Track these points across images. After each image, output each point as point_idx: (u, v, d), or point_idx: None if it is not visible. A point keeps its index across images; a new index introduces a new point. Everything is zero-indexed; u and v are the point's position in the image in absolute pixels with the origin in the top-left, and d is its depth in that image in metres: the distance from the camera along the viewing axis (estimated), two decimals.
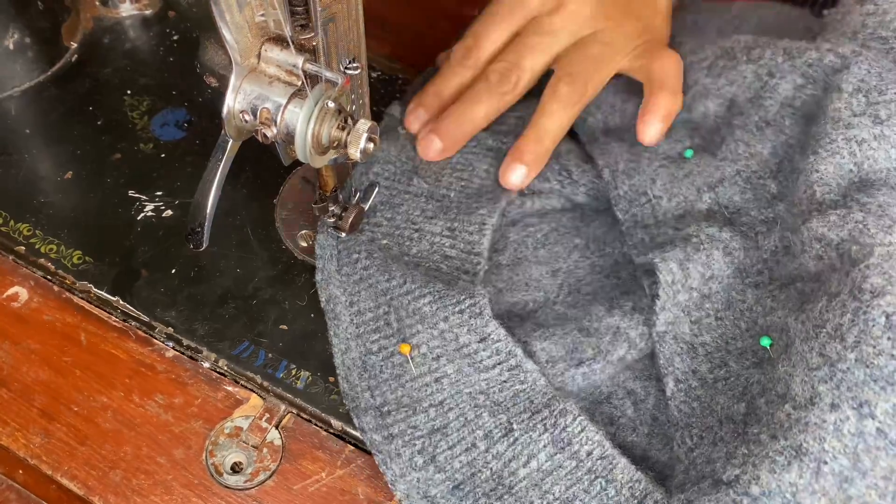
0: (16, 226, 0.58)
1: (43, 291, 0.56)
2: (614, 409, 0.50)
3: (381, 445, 0.48)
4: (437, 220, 0.56)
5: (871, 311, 0.41)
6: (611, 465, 0.46)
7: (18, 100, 0.65)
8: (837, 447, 0.40)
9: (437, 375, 0.49)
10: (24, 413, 0.51)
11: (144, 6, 0.71)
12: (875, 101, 0.51)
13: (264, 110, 0.42)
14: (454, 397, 0.49)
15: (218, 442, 0.50)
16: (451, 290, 0.51)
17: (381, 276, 0.52)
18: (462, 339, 0.49)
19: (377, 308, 0.52)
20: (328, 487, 0.49)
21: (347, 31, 0.44)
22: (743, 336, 0.49)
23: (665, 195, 0.54)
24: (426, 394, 0.49)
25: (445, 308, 0.50)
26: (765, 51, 0.56)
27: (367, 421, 0.48)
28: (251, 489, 0.49)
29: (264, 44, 0.42)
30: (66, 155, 0.62)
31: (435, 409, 0.48)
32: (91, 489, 0.49)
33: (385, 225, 0.56)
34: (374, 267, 0.53)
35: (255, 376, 0.52)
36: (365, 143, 0.44)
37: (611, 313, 0.52)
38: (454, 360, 0.49)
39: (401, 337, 0.51)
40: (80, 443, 0.50)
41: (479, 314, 0.50)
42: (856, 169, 0.50)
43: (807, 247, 0.48)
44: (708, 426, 0.47)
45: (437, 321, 0.50)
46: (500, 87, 0.57)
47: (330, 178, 0.52)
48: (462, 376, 0.49)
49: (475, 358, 0.49)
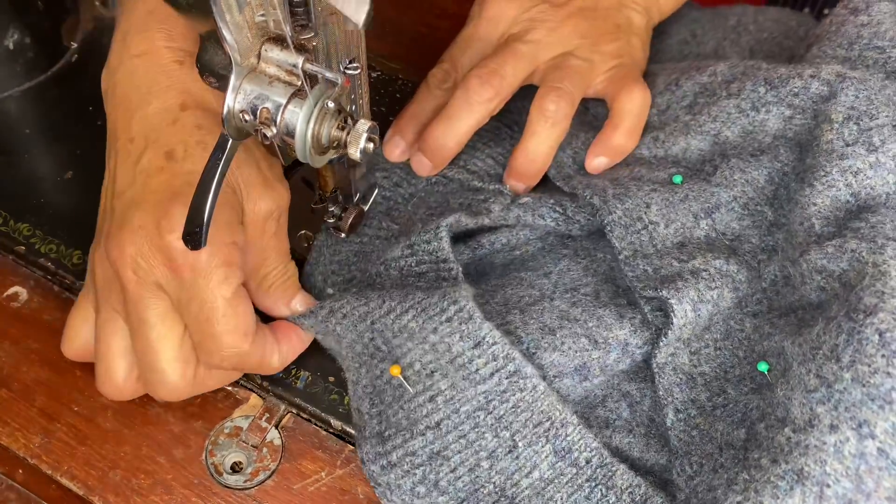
0: (16, 226, 0.58)
1: (43, 291, 0.56)
2: (610, 412, 0.50)
3: (379, 477, 0.46)
4: (395, 244, 0.54)
5: (865, 330, 0.41)
6: (610, 472, 0.46)
7: (18, 100, 0.65)
8: (839, 469, 0.40)
9: (431, 394, 0.47)
10: (24, 413, 0.51)
11: None
12: (867, 126, 0.50)
13: (264, 110, 0.42)
14: (451, 417, 0.46)
15: (218, 442, 0.50)
16: (432, 297, 0.48)
17: (357, 301, 0.49)
18: (455, 348, 0.47)
19: (360, 337, 0.49)
20: (328, 487, 0.49)
21: (347, 31, 0.44)
22: (741, 364, 0.49)
23: (662, 221, 0.52)
24: (422, 414, 0.47)
25: (432, 319, 0.48)
26: (744, 83, 0.55)
27: (366, 451, 0.47)
28: (251, 489, 0.49)
29: (264, 44, 0.42)
30: (66, 155, 0.62)
31: (433, 432, 0.46)
32: (91, 489, 0.49)
33: (357, 278, 0.55)
34: (347, 298, 0.50)
35: (255, 376, 0.52)
36: (365, 142, 0.44)
37: (620, 324, 0.50)
38: (448, 375, 0.47)
39: (392, 359, 0.49)
40: (80, 443, 0.50)
41: (468, 318, 0.47)
42: (853, 199, 0.49)
43: (807, 279, 0.48)
44: (708, 453, 0.47)
45: (426, 335, 0.48)
46: (482, 94, 0.54)
47: (330, 178, 0.52)
48: (457, 392, 0.47)
49: (470, 368, 0.47)
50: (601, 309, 0.51)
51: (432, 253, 0.52)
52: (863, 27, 0.56)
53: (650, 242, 0.52)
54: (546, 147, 0.56)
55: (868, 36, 0.55)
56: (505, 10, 0.58)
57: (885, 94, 0.51)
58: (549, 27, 0.58)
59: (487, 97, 0.54)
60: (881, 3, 0.56)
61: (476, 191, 0.57)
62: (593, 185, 0.54)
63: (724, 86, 0.56)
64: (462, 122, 0.55)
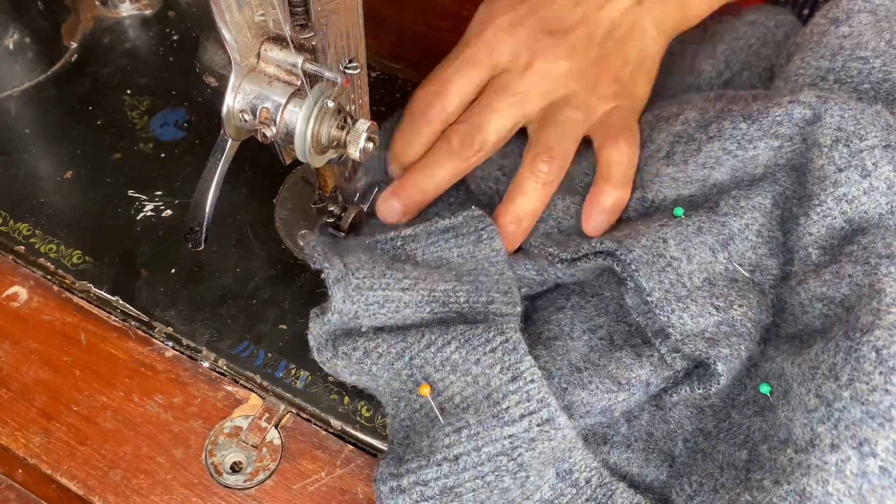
0: (15, 225, 0.58)
1: (43, 291, 0.56)
2: (608, 428, 0.49)
3: (386, 499, 0.44)
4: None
5: (862, 348, 0.41)
6: (610, 491, 0.46)
7: (18, 100, 0.65)
8: (842, 489, 0.40)
9: (458, 425, 0.45)
10: (24, 413, 0.51)
11: (144, 6, 0.71)
12: (858, 148, 0.49)
13: (264, 110, 0.42)
14: (471, 455, 0.44)
15: (217, 441, 0.50)
16: (476, 329, 0.47)
17: (393, 339, 0.48)
18: (493, 381, 0.45)
19: (398, 375, 0.48)
20: (328, 487, 0.49)
21: (347, 30, 0.44)
22: (745, 388, 0.48)
23: (683, 256, 0.50)
24: (442, 444, 0.44)
25: (475, 350, 0.46)
26: (722, 123, 0.53)
27: (381, 469, 0.45)
28: (251, 489, 0.49)
29: (264, 43, 0.42)
30: (65, 155, 0.62)
31: (449, 465, 0.44)
32: (91, 489, 0.49)
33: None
34: (382, 336, 0.48)
35: (255, 376, 0.52)
36: (364, 142, 0.44)
37: (640, 363, 0.48)
38: (479, 410, 0.45)
39: (435, 392, 0.47)
40: (80, 442, 0.50)
41: (513, 349, 0.46)
42: (847, 225, 0.49)
43: (808, 308, 0.47)
44: (708, 473, 0.46)
45: (468, 366, 0.46)
46: (463, 152, 0.54)
47: (330, 178, 0.52)
48: (483, 429, 0.44)
49: (501, 405, 0.44)
50: (618, 352, 0.49)
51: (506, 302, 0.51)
52: (844, 38, 0.55)
53: (678, 281, 0.49)
54: (536, 205, 0.54)
55: (850, 47, 0.55)
56: (503, 40, 0.56)
57: (868, 113, 0.50)
58: (546, 68, 0.55)
59: (468, 154, 0.54)
60: (861, 15, 0.56)
61: None
62: (589, 238, 0.53)
63: (702, 130, 0.54)
64: (441, 172, 0.55)
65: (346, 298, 0.47)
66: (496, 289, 0.51)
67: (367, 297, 0.47)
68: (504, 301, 0.51)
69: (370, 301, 0.47)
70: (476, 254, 0.52)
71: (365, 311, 0.47)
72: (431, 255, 0.52)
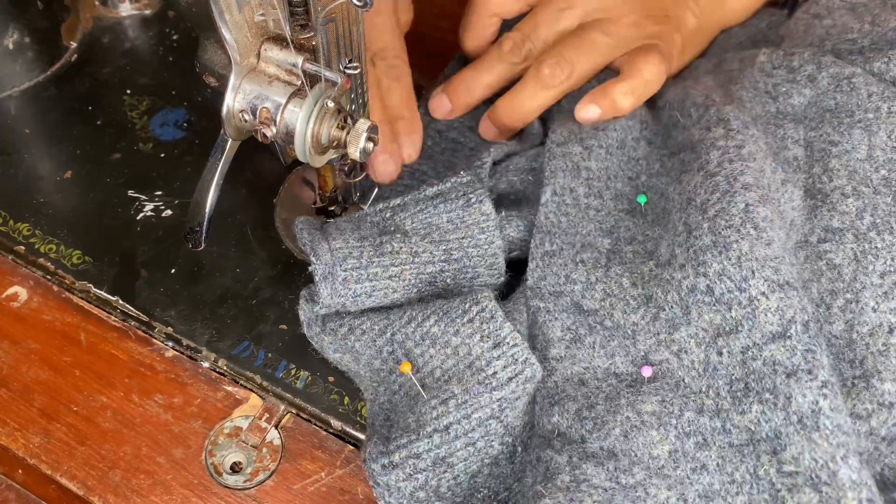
0: (15, 225, 0.58)
1: (42, 291, 0.56)
2: None
3: (379, 476, 0.45)
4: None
5: (736, 196, 0.47)
6: None
7: (18, 99, 0.65)
8: (675, 298, 0.46)
9: (444, 397, 0.46)
10: (23, 413, 0.51)
11: (144, 6, 0.71)
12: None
13: (264, 110, 0.42)
14: (461, 423, 0.45)
15: (217, 442, 0.50)
16: (453, 301, 0.48)
17: (377, 317, 0.49)
18: (475, 349, 0.46)
19: (379, 353, 0.49)
20: (328, 487, 0.49)
21: (347, 30, 0.44)
22: (624, 181, 0.54)
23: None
24: (431, 417, 0.45)
25: (454, 322, 0.47)
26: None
27: (369, 450, 0.46)
28: (251, 489, 0.49)
29: (264, 43, 0.42)
30: (65, 154, 0.62)
31: (440, 436, 0.45)
32: (90, 489, 0.48)
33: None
34: (367, 314, 0.50)
35: (255, 376, 0.52)
36: (364, 142, 0.44)
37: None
38: (463, 379, 0.46)
39: (414, 370, 0.48)
40: (80, 443, 0.50)
41: (490, 318, 0.47)
42: None
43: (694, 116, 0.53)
44: (569, 242, 0.51)
45: (448, 338, 0.47)
46: (511, 57, 0.58)
47: (330, 178, 0.52)
48: (471, 396, 0.45)
49: (486, 371, 0.46)
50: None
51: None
52: (831, 28, 0.58)
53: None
54: (531, 104, 0.57)
55: (837, 34, 0.57)
56: None
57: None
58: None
59: (515, 60, 0.59)
60: (840, 10, 0.59)
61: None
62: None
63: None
64: (488, 76, 0.59)
65: (334, 294, 0.48)
66: (482, 263, 0.51)
67: (354, 290, 0.48)
68: (489, 274, 0.52)
69: (358, 293, 0.48)
70: (465, 218, 0.52)
71: (353, 302, 0.49)
72: (420, 222, 0.52)
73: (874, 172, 0.50)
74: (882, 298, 0.46)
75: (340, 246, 0.48)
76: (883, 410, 0.44)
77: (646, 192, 0.53)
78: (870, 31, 0.56)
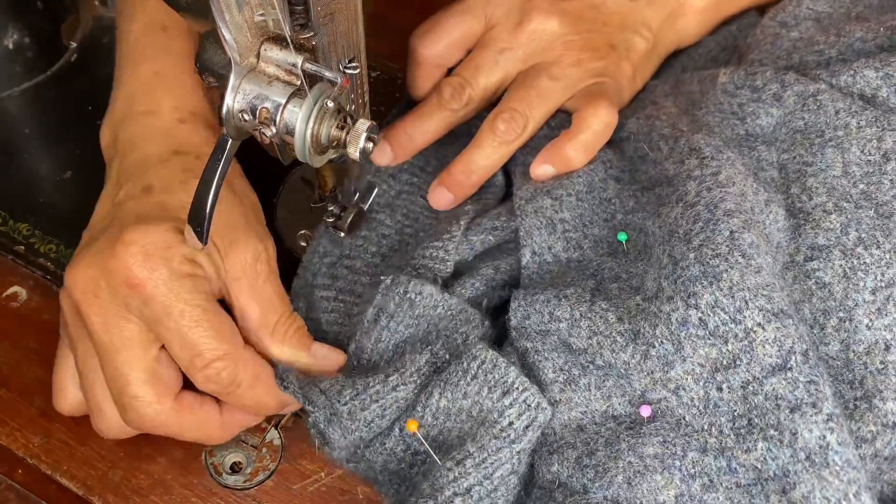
0: (15, 225, 0.58)
1: (42, 291, 0.56)
2: None
3: None
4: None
5: (720, 224, 0.45)
6: None
7: (18, 100, 0.65)
8: (665, 333, 0.44)
9: (459, 457, 0.43)
10: (23, 413, 0.51)
11: None
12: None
13: (263, 110, 0.42)
14: (483, 484, 0.43)
15: None
16: (448, 368, 0.46)
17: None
18: (485, 403, 0.45)
19: (393, 456, 0.47)
20: (327, 487, 0.49)
21: (347, 30, 0.44)
22: (599, 224, 0.52)
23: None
24: (448, 480, 0.43)
25: (458, 386, 0.45)
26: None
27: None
28: (250, 489, 0.49)
29: (263, 43, 0.42)
30: (65, 154, 0.62)
31: (461, 499, 0.42)
32: (90, 489, 0.48)
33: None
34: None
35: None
36: (364, 142, 0.44)
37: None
38: (477, 437, 0.44)
39: (437, 445, 0.45)
40: (80, 443, 0.50)
41: (493, 367, 0.45)
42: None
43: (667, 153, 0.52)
44: (553, 285, 0.49)
45: (458, 404, 0.45)
46: (451, 104, 0.56)
47: (329, 178, 0.52)
48: (489, 454, 0.43)
49: (501, 423, 0.44)
50: None
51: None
52: (797, 40, 0.57)
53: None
54: (489, 161, 0.55)
55: (804, 46, 0.56)
56: (549, 26, 0.57)
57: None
58: (535, 27, 0.56)
59: (456, 107, 0.57)
60: (807, 22, 0.58)
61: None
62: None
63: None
64: (430, 123, 0.57)
65: (345, 432, 0.45)
66: (464, 326, 0.49)
67: (363, 417, 0.45)
68: (476, 331, 0.49)
69: (369, 419, 0.45)
70: (422, 315, 0.49)
71: (368, 431, 0.46)
72: (387, 342, 0.49)
73: (853, 188, 0.49)
74: (876, 315, 0.45)
75: (331, 384, 0.46)
76: (887, 431, 0.43)
77: (625, 230, 0.51)
78: (836, 42, 0.55)
